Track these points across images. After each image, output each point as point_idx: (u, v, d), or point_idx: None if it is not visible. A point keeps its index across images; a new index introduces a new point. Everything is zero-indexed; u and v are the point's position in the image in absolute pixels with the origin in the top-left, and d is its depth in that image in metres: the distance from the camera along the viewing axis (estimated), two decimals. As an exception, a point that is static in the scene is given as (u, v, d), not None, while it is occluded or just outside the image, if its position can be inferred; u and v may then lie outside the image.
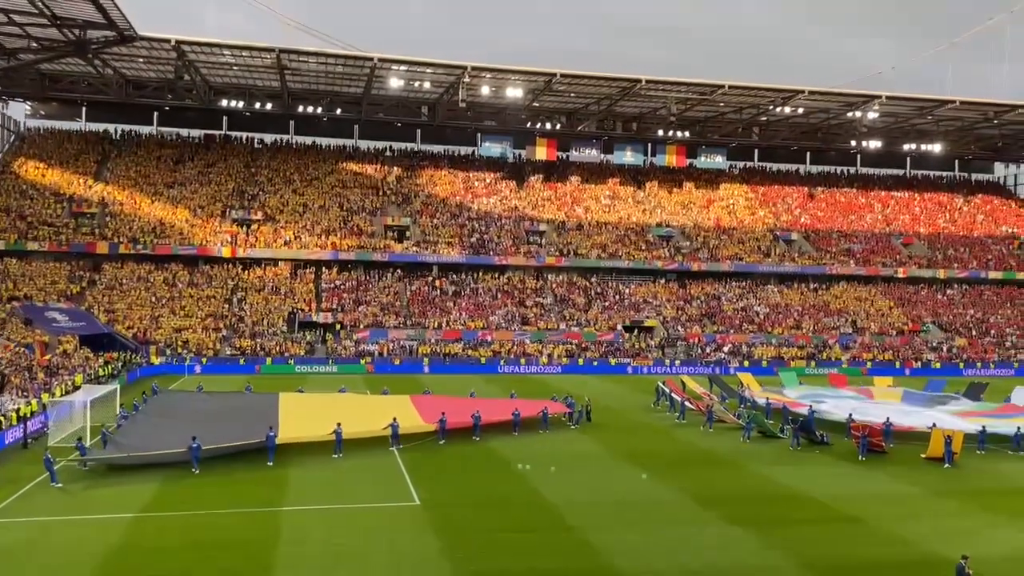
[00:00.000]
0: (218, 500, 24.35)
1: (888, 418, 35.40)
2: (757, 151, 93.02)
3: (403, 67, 65.35)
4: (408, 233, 73.42)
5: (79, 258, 64.88)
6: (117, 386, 39.23)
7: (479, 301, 68.45)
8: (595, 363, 62.61)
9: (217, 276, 66.03)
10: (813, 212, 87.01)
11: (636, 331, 67.66)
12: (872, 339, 70.08)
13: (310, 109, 73.38)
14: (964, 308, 77.34)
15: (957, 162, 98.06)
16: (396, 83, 67.48)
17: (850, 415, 36.88)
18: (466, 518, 23.22)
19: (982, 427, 34.55)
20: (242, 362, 56.95)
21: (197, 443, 27.75)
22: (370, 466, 29.26)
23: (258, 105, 72.61)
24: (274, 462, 28.76)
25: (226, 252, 66.98)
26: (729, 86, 68.89)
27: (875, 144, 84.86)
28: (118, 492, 25.08)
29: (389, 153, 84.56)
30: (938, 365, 66.81)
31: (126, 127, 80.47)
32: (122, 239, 65.27)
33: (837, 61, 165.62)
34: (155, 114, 79.83)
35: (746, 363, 63.45)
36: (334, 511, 23.68)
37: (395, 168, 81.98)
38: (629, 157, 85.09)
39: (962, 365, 67.15)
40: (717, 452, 32.89)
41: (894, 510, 24.60)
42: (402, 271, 70.52)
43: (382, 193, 77.84)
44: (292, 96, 72.07)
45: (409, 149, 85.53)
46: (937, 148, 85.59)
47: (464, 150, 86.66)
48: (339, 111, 74.99)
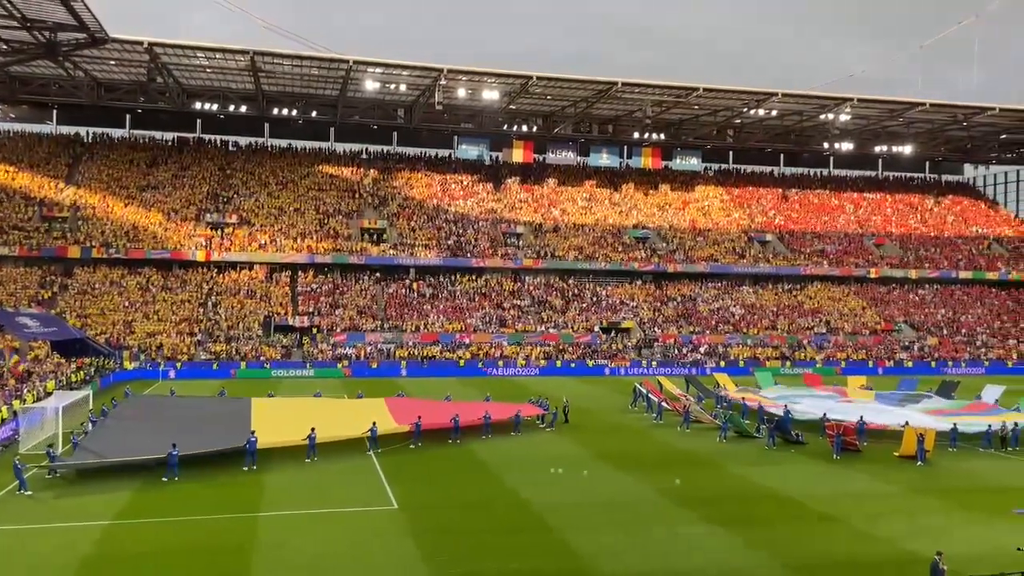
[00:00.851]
0: (194, 506, 24.11)
1: (862, 417, 35.82)
2: (732, 153, 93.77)
3: (379, 69, 65.19)
4: (385, 236, 73.18)
5: (50, 262, 63.99)
6: (90, 392, 38.74)
7: (456, 304, 68.36)
8: (572, 365, 62.77)
9: (191, 280, 65.40)
10: (787, 213, 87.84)
11: (613, 332, 67.90)
12: (846, 339, 70.88)
13: (285, 112, 72.89)
14: (935, 308, 78.44)
15: (928, 164, 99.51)
16: (372, 85, 67.28)
17: (824, 414, 37.27)
18: (445, 521, 23.17)
19: (953, 425, 35.04)
20: (216, 367, 56.47)
21: (176, 451, 27.35)
22: (347, 470, 29.12)
23: (232, 108, 72.03)
24: (248, 468, 28.53)
25: (200, 256, 66.37)
26: (704, 88, 69.38)
27: (847, 146, 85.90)
28: (91, 500, 24.75)
29: (365, 156, 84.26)
30: (910, 364, 67.74)
31: (98, 130, 79.52)
32: (94, 243, 64.46)
33: (812, 64, 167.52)
34: (127, 117, 78.97)
35: (722, 363, 63.97)
36: (312, 516, 23.51)
37: (371, 170, 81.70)
38: (605, 159, 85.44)
39: (934, 364, 68.13)
40: (694, 452, 33.08)
41: (869, 508, 24.88)
42: (379, 274, 70.28)
43: (358, 196, 77.54)
44: (267, 99, 71.60)
45: (385, 151, 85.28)
46: (908, 150, 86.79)
47: (441, 152, 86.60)
48: (314, 114, 74.61)
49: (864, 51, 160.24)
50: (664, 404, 41.57)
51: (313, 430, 30.57)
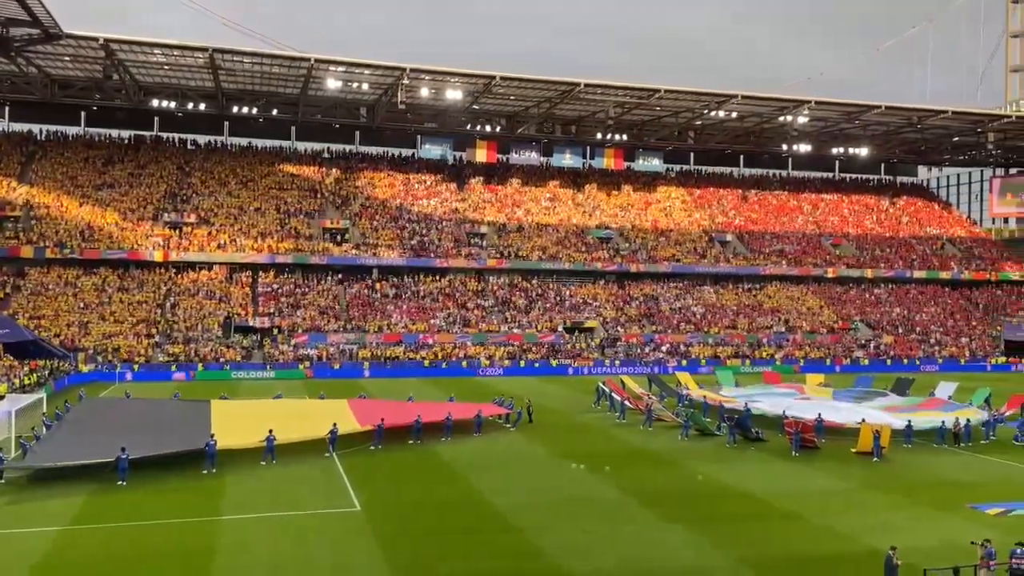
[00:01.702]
0: (150, 511, 23.57)
1: (819, 414, 36.36)
2: (693, 154, 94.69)
3: (340, 68, 64.69)
4: (347, 236, 72.63)
5: (2, 263, 62.44)
6: (44, 395, 37.91)
7: (420, 304, 68.10)
8: (536, 364, 62.91)
9: (149, 281, 64.27)
10: (747, 214, 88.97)
11: (577, 332, 68.18)
12: (804, 337, 71.99)
13: (245, 110, 72.01)
14: (890, 306, 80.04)
15: (883, 165, 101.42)
16: (334, 84, 66.71)
17: (783, 412, 37.79)
18: (408, 522, 23.03)
19: (908, 422, 35.75)
20: (174, 368, 55.58)
21: (126, 454, 26.54)
22: (309, 472, 28.82)
23: (191, 106, 70.97)
24: (208, 471, 28.08)
25: (158, 256, 65.25)
26: (665, 90, 69.96)
27: (805, 147, 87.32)
28: (43, 505, 24.16)
29: (327, 155, 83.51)
30: (867, 362, 69.03)
31: (52, 127, 77.80)
32: (48, 243, 63.05)
33: (772, 65, 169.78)
34: (82, 114, 77.35)
35: (684, 362, 64.58)
36: (274, 519, 23.22)
37: (333, 170, 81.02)
38: (568, 160, 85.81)
39: (889, 362, 69.50)
40: (657, 450, 33.34)
41: (827, 504, 25.27)
42: (341, 274, 69.71)
43: (320, 195, 76.85)
44: (226, 97, 70.61)
45: (347, 151, 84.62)
46: (864, 152, 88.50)
47: (404, 152, 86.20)
48: (275, 112, 73.81)
49: (826, 54, 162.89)
50: (627, 403, 41.83)
51: (271, 432, 30.09)
